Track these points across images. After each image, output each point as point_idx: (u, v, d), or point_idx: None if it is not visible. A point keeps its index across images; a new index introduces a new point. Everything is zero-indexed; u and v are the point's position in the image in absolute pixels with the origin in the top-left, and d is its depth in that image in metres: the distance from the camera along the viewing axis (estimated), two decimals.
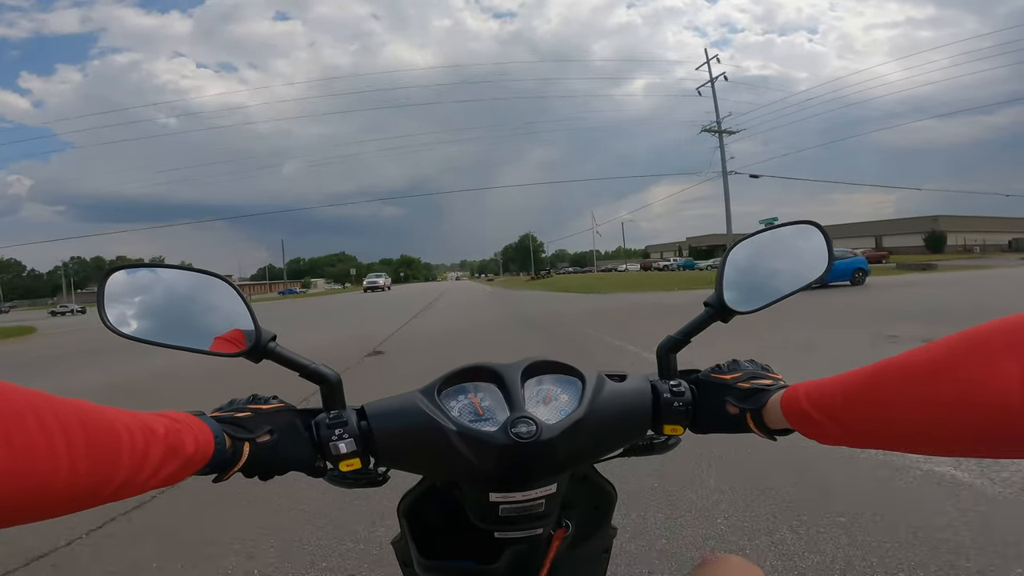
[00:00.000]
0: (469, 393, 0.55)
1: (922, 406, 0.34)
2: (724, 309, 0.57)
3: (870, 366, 0.39)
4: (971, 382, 0.31)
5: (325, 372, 0.53)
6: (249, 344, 0.51)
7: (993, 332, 0.32)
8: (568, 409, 0.52)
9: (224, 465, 0.44)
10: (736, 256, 0.59)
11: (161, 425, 0.37)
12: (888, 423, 0.37)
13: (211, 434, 0.42)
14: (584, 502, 0.61)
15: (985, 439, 0.32)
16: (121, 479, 0.33)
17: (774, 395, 0.49)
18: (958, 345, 0.33)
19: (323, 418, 0.51)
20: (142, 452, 0.34)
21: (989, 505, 2.09)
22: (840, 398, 0.40)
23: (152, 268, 0.55)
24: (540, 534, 0.55)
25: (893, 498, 2.21)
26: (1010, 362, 0.30)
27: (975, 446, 0.33)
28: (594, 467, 0.62)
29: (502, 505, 0.52)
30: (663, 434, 0.56)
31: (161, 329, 0.52)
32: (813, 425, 0.43)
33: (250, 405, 0.49)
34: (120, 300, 0.52)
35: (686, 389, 0.55)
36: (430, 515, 0.60)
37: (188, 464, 0.39)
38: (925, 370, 0.34)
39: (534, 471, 0.51)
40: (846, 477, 2.45)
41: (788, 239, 0.60)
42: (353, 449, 0.50)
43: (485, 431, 0.50)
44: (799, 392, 0.45)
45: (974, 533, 1.89)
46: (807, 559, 1.81)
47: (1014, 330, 0.31)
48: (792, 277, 0.58)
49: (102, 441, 0.31)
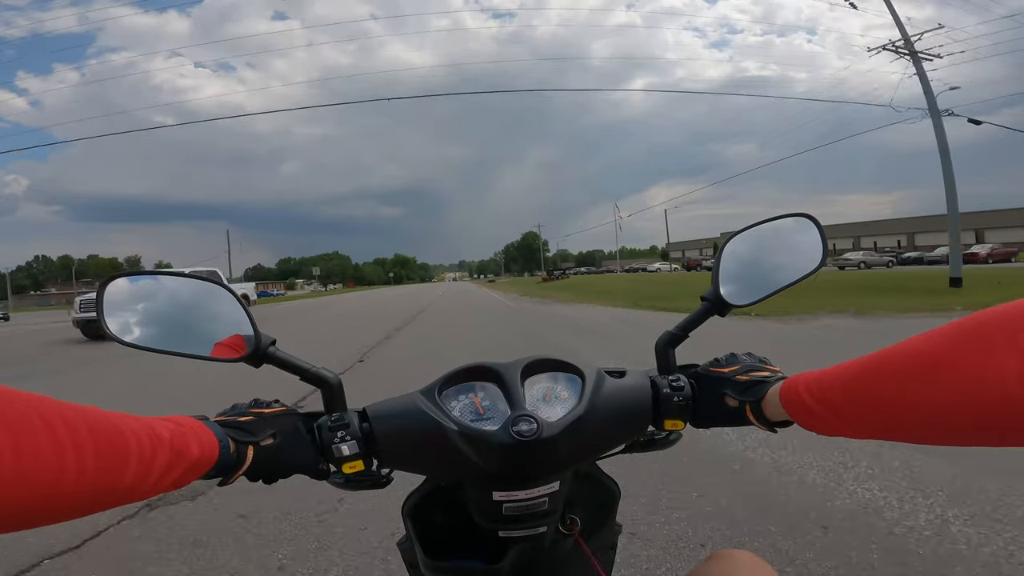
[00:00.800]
0: (470, 393, 0.55)
1: (922, 399, 0.34)
2: (721, 303, 0.57)
3: (869, 356, 0.39)
4: (971, 373, 0.31)
5: (326, 375, 0.53)
6: (249, 349, 0.52)
7: (992, 321, 0.32)
8: (569, 406, 0.53)
9: (229, 469, 0.44)
10: (732, 249, 0.60)
11: (166, 430, 0.37)
12: (888, 415, 0.37)
13: (215, 438, 0.42)
14: (588, 500, 0.61)
15: (985, 429, 0.32)
16: (128, 484, 0.33)
17: (773, 387, 0.49)
18: (958, 335, 0.33)
19: (325, 421, 0.51)
20: (149, 457, 0.34)
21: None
22: (839, 391, 0.40)
23: (151, 275, 0.55)
24: (544, 532, 0.56)
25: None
26: (1009, 351, 0.30)
27: (976, 436, 0.33)
28: (596, 464, 0.62)
29: (506, 504, 0.52)
30: (664, 429, 0.56)
31: (161, 336, 0.52)
32: (812, 417, 0.43)
33: (252, 409, 0.49)
34: (120, 308, 0.52)
35: (685, 384, 0.55)
36: (434, 516, 0.60)
37: (194, 468, 0.39)
38: (925, 362, 0.34)
39: (536, 469, 0.51)
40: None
41: (783, 232, 0.61)
42: (356, 451, 0.50)
43: (486, 430, 0.50)
44: (798, 384, 0.45)
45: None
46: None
47: (1012, 319, 0.31)
48: (788, 270, 0.58)
49: (109, 446, 0.32)
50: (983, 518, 1.98)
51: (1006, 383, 0.30)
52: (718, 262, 0.59)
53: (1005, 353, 0.30)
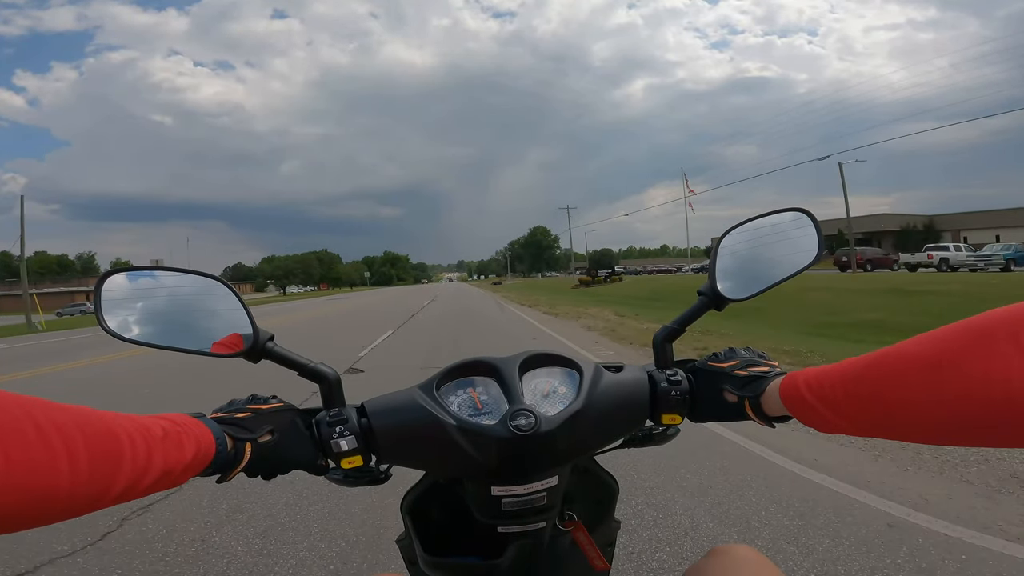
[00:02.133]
0: (468, 387, 0.55)
1: (925, 397, 0.33)
2: (718, 297, 0.57)
3: (871, 354, 0.38)
4: (974, 374, 0.31)
5: (324, 371, 0.53)
6: (247, 345, 0.52)
7: (995, 321, 0.31)
8: (567, 401, 0.53)
9: (226, 466, 0.44)
10: (728, 244, 0.60)
11: (161, 428, 0.37)
12: (889, 414, 0.36)
13: (212, 436, 0.42)
14: (586, 496, 0.62)
15: (988, 429, 0.31)
16: (123, 484, 0.33)
17: (772, 382, 0.49)
18: (961, 335, 0.33)
19: (323, 416, 0.51)
20: (143, 456, 0.34)
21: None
22: (840, 389, 0.40)
23: (148, 271, 0.55)
24: (543, 527, 0.56)
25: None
26: (1013, 351, 0.30)
27: (978, 436, 0.33)
28: (595, 460, 0.62)
29: (504, 499, 0.52)
30: (662, 424, 0.56)
31: (159, 332, 0.52)
32: (812, 413, 0.43)
33: (250, 405, 0.49)
34: (117, 304, 0.52)
35: (683, 378, 0.55)
36: (433, 512, 0.60)
37: (190, 466, 0.39)
38: (928, 362, 0.34)
39: (534, 463, 0.51)
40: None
41: (779, 227, 0.61)
42: (354, 446, 0.50)
43: (485, 425, 0.50)
44: (798, 380, 0.44)
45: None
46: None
47: (1016, 320, 0.30)
48: (784, 264, 0.59)
49: (102, 447, 0.31)
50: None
51: (1010, 382, 0.29)
52: (714, 257, 0.59)
53: (1009, 353, 0.30)
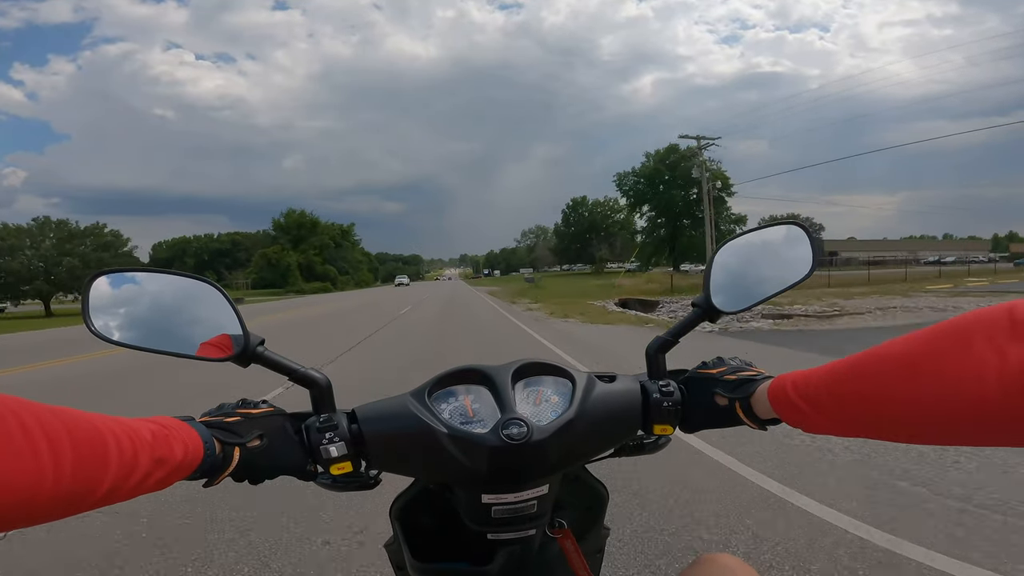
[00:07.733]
0: (460, 395, 0.55)
1: (904, 397, 0.34)
2: (711, 309, 0.58)
3: (854, 356, 0.39)
4: (951, 372, 0.32)
5: (315, 376, 0.53)
6: (237, 349, 0.51)
7: (971, 323, 0.32)
8: (559, 410, 0.53)
9: (214, 470, 0.44)
10: (723, 257, 0.60)
11: (149, 431, 0.37)
12: (872, 413, 0.37)
13: (200, 440, 0.41)
14: (576, 503, 0.62)
15: (965, 427, 0.32)
16: (108, 485, 0.32)
17: (761, 385, 0.50)
18: (939, 336, 0.34)
19: (313, 422, 0.51)
20: (130, 458, 0.34)
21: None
22: (824, 390, 0.41)
23: (138, 272, 0.54)
24: (533, 535, 0.55)
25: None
26: (987, 351, 0.30)
27: (956, 434, 0.34)
28: (585, 468, 0.62)
29: (494, 506, 0.52)
30: (653, 434, 0.57)
31: (147, 334, 0.52)
32: (799, 414, 0.44)
33: (239, 410, 0.49)
34: (105, 305, 0.51)
35: (675, 389, 0.55)
36: (423, 517, 0.60)
37: (177, 470, 0.39)
38: (907, 361, 0.35)
39: (525, 472, 0.51)
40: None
41: (774, 240, 0.61)
42: (344, 452, 0.50)
43: (476, 433, 0.50)
44: (785, 382, 0.46)
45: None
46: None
47: (991, 320, 0.31)
48: (778, 278, 0.59)
49: (88, 448, 0.31)
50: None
51: (984, 382, 0.30)
52: (709, 269, 0.59)
53: (984, 353, 0.31)
